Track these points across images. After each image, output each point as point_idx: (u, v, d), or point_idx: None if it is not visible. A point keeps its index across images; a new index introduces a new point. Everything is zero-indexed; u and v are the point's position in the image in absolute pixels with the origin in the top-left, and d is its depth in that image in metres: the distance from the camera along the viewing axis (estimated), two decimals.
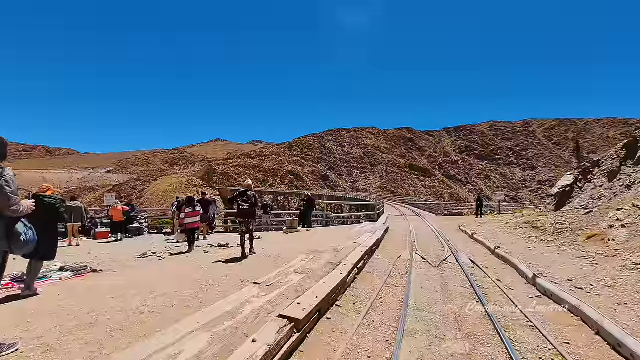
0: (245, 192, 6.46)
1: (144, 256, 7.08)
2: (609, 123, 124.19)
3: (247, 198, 6.40)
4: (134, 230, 12.39)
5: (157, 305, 3.48)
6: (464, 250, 7.96)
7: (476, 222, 14.22)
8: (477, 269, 6.17)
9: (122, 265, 6.16)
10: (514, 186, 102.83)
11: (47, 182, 58.69)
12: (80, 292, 4.17)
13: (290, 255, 6.22)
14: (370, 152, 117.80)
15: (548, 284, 4.44)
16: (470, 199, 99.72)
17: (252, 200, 6.45)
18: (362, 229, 10.77)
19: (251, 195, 6.48)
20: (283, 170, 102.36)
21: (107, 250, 8.51)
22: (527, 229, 9.99)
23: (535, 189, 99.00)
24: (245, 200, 6.38)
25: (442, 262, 6.75)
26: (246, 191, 6.49)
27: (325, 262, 5.43)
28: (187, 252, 7.83)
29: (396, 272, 5.92)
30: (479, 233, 10.13)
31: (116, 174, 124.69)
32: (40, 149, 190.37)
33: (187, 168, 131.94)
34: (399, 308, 4.06)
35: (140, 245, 9.23)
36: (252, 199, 6.46)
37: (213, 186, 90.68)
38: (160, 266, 5.95)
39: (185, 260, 6.53)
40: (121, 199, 27.74)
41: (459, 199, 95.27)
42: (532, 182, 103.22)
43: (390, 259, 6.91)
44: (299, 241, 8.62)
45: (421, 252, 7.71)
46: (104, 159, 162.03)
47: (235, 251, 7.29)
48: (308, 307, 3.17)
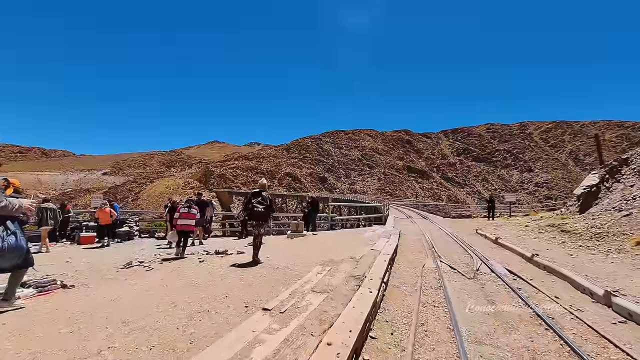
0: (260, 193, 5.98)
1: (128, 266, 6.08)
2: (605, 125, 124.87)
3: (262, 199, 5.89)
4: (123, 234, 11.36)
5: (127, 347, 2.50)
6: (493, 258, 7.04)
7: (491, 225, 13.34)
8: (520, 281, 5.25)
9: (99, 279, 5.15)
10: (512, 188, 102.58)
11: (43, 184, 58.13)
12: (31, 322, 3.18)
13: (301, 266, 5.27)
14: (368, 154, 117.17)
15: (632, 305, 3.53)
16: (468, 201, 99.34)
17: (267, 202, 5.90)
18: (374, 233, 9.83)
19: (266, 196, 5.95)
20: (281, 172, 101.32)
21: (88, 257, 7.48)
22: (555, 232, 9.12)
23: (532, 191, 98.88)
24: (260, 202, 5.87)
25: (476, 272, 5.83)
26: (260, 191, 6.00)
27: (346, 275, 4.48)
28: (177, 257, 6.90)
29: (427, 285, 4.99)
30: (502, 237, 9.23)
31: (112, 176, 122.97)
32: (36, 150, 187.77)
33: (184, 170, 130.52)
34: (451, 340, 3.12)
35: (128, 252, 8.22)
36: (267, 201, 5.92)
37: (210, 188, 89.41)
38: (145, 280, 4.96)
39: (177, 271, 5.54)
40: (117, 201, 26.63)
41: (457, 200, 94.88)
42: (529, 184, 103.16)
43: (414, 269, 5.98)
44: (308, 248, 7.65)
45: (446, 260, 6.79)
46: (100, 160, 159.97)
47: (235, 259, 6.32)
48: (344, 351, 2.22)
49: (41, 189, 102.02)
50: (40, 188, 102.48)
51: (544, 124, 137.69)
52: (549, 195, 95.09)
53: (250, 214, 5.89)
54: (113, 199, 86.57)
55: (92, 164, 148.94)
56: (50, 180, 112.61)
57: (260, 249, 6.07)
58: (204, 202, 10.30)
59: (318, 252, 6.69)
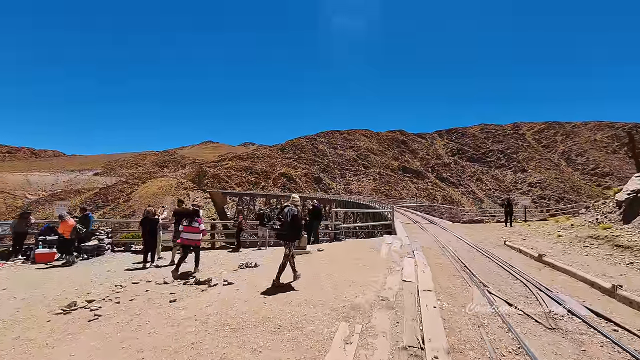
0: (283, 209, 5.53)
1: (69, 309, 4.37)
2: (596, 126, 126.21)
3: (282, 215, 5.40)
4: (91, 249, 9.55)
5: None
6: (553, 286, 5.52)
7: (515, 233, 11.87)
8: (623, 331, 3.73)
9: (12, 340, 3.45)
10: (505, 188, 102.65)
11: (32, 184, 55.30)
12: None
13: (317, 323, 3.61)
14: (364, 154, 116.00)
15: None
16: (463, 201, 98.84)
17: (286, 219, 5.31)
18: (391, 247, 8.23)
19: (287, 212, 5.38)
20: (275, 172, 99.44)
21: (29, 288, 5.71)
22: (605, 246, 7.67)
23: (526, 191, 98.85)
24: (280, 219, 5.39)
25: (549, 316, 4.28)
26: (284, 207, 5.55)
27: (390, 344, 2.88)
28: (171, 278, 5.37)
29: (499, 344, 3.42)
30: (546, 253, 7.72)
31: (104, 177, 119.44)
32: (25, 150, 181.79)
33: (177, 170, 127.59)
34: None
35: (87, 275, 6.50)
36: (287, 216, 5.31)
37: (204, 189, 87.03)
38: (74, 345, 3.28)
39: (134, 322, 3.87)
40: (108, 202, 23.61)
41: (452, 201, 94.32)
42: (522, 185, 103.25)
43: (461, 308, 4.39)
44: (317, 276, 5.95)
45: (495, 290, 5.23)
46: (91, 160, 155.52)
47: (222, 295, 4.67)
48: None
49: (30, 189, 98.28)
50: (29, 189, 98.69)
51: (536, 124, 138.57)
52: (543, 195, 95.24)
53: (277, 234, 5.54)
54: (92, 205, 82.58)
55: (83, 164, 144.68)
56: (39, 180, 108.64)
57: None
58: (186, 212, 8.59)
59: (333, 285, 5.06)
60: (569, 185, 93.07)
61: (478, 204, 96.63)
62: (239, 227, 10.63)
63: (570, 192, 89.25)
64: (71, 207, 72.46)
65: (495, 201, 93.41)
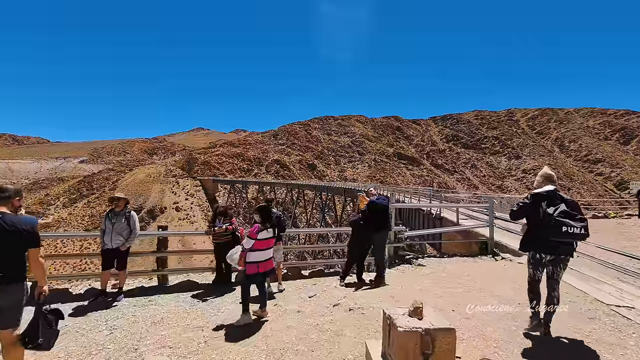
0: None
1: None
2: (589, 113, 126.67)
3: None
4: None
5: None
6: None
7: None
8: None
9: None
10: (500, 175, 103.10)
11: (14, 172, 52.31)
12: None
13: None
14: (358, 140, 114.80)
15: None
16: (458, 187, 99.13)
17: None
18: None
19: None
20: (268, 159, 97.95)
21: None
22: None
23: (520, 178, 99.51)
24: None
25: None
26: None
27: None
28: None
29: None
30: None
31: (90, 164, 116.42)
32: (6, 137, 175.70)
33: (167, 158, 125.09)
34: None
35: None
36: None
37: (194, 176, 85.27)
38: None
39: None
40: (92, 190, 20.80)
41: (448, 187, 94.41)
42: (517, 171, 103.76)
43: None
44: None
45: None
46: (77, 147, 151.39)
47: None
48: None
49: (12, 178, 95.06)
50: (11, 177, 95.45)
51: (530, 110, 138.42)
52: None
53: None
54: (76, 193, 78.62)
55: (68, 151, 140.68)
56: (22, 168, 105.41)
57: None
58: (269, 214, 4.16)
59: None
60: (562, 171, 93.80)
61: (473, 191, 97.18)
62: (217, 249, 5.22)
63: (564, 178, 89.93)
64: (53, 197, 69.99)
65: (490, 188, 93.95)
